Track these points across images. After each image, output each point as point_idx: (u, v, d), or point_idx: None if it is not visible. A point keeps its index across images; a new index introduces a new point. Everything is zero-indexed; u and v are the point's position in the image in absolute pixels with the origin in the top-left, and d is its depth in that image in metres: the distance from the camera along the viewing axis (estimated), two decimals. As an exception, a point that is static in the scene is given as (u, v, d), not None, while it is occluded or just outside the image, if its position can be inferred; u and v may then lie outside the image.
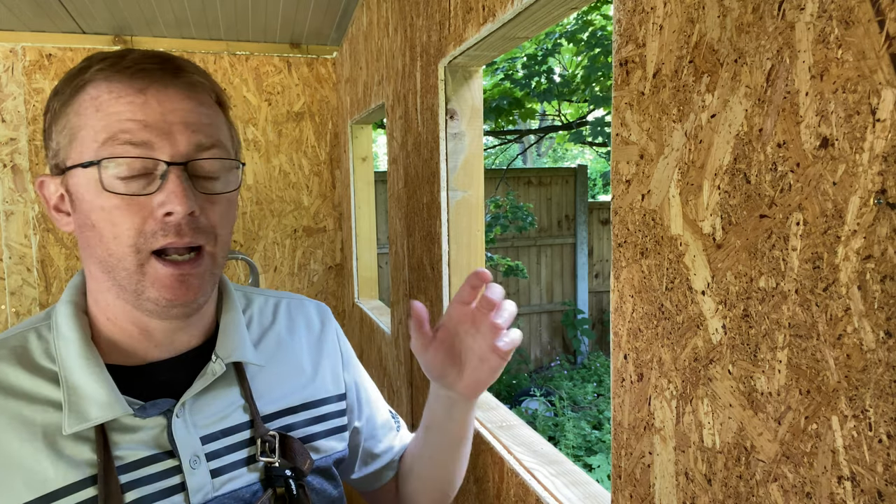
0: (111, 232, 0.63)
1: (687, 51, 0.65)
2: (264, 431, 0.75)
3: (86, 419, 0.64)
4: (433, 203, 1.57)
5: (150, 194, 0.62)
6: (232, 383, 0.75)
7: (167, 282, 0.64)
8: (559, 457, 1.16)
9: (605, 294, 7.41)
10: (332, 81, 3.25)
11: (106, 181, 0.62)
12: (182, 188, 0.62)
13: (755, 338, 0.58)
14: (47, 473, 0.63)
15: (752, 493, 0.59)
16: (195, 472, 0.69)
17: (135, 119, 0.62)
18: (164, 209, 0.62)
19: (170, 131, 0.63)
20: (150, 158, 0.62)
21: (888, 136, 0.44)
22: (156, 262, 0.63)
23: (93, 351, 0.68)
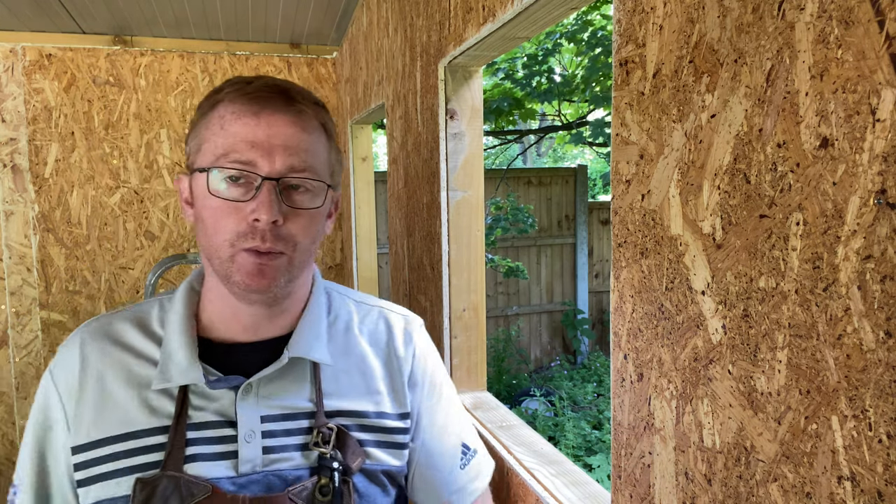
0: (213, 227, 0.76)
1: (687, 51, 0.65)
2: (323, 423, 0.82)
3: (168, 380, 0.78)
4: (433, 203, 1.57)
5: (246, 201, 0.75)
6: (305, 376, 0.83)
7: (249, 269, 0.75)
8: (559, 457, 1.16)
9: (605, 294, 7.41)
10: (332, 81, 3.25)
11: (212, 186, 0.75)
12: (269, 199, 0.74)
13: (755, 338, 0.58)
14: (135, 416, 0.77)
15: (752, 493, 0.59)
16: (248, 445, 0.78)
17: (245, 139, 0.74)
18: (253, 215, 0.74)
19: (271, 151, 0.75)
20: (250, 172, 0.74)
21: (888, 136, 0.44)
22: (243, 253, 0.75)
23: (191, 324, 0.82)
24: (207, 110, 0.79)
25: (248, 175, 0.75)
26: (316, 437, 0.81)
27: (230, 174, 0.75)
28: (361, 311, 0.94)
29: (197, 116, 0.81)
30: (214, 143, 0.76)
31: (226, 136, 0.75)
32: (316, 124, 0.81)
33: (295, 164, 0.76)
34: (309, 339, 0.84)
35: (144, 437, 0.77)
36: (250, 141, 0.75)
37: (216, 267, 0.78)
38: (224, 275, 0.77)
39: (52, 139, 2.91)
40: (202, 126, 0.78)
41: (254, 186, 0.75)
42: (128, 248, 3.04)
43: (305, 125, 0.79)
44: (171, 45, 3.00)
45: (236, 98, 0.77)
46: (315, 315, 0.87)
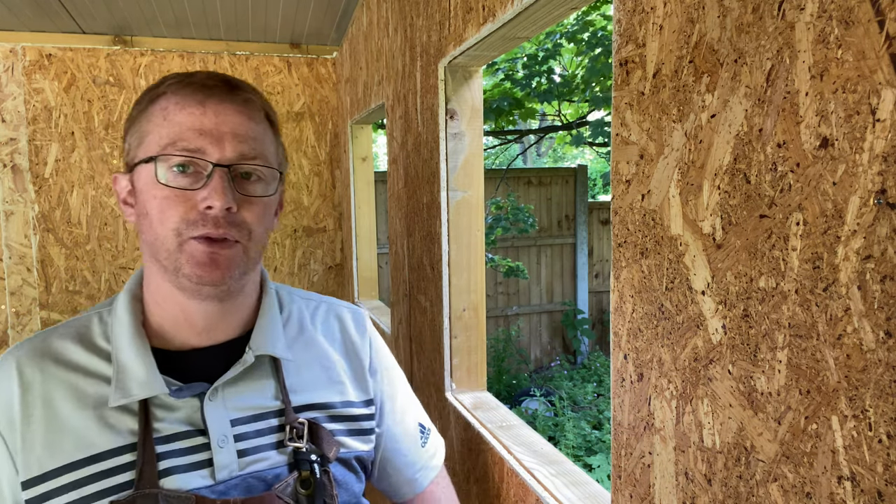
0: (159, 217, 0.72)
1: (687, 51, 0.65)
2: (294, 419, 0.81)
3: (128, 394, 0.74)
4: (433, 203, 1.57)
5: (195, 189, 0.72)
6: (268, 375, 0.82)
7: (200, 258, 0.72)
8: (559, 457, 1.16)
9: (605, 294, 7.41)
10: (332, 81, 3.25)
11: (160, 174, 0.72)
12: (223, 186, 0.71)
13: (755, 338, 0.58)
14: (94, 438, 0.72)
15: (752, 493, 0.59)
16: (222, 450, 0.76)
17: (193, 128, 0.72)
18: (205, 203, 0.71)
19: (220, 139, 0.73)
20: (199, 159, 0.72)
21: (888, 136, 0.44)
22: (193, 241, 0.72)
23: (141, 334, 0.77)
24: (147, 105, 0.76)
25: (198, 163, 0.72)
26: (290, 433, 0.80)
27: (178, 162, 0.72)
28: (311, 307, 0.94)
29: (135, 112, 0.77)
30: (159, 133, 0.73)
31: (171, 126, 0.72)
32: (262, 114, 0.79)
33: (245, 152, 0.74)
34: (270, 335, 0.83)
35: (109, 458, 0.72)
36: (197, 129, 0.72)
37: (163, 261, 0.74)
38: (173, 268, 0.73)
39: (52, 139, 2.91)
40: (142, 120, 0.75)
41: (204, 175, 0.72)
42: (128, 248, 3.04)
43: (252, 114, 0.77)
44: (171, 45, 3.00)
45: (179, 89, 0.74)
46: (271, 312, 0.86)
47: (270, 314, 0.86)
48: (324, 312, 0.94)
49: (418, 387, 1.82)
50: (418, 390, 1.82)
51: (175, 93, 0.74)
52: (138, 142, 0.75)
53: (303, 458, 0.80)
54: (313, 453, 0.81)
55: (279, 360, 0.83)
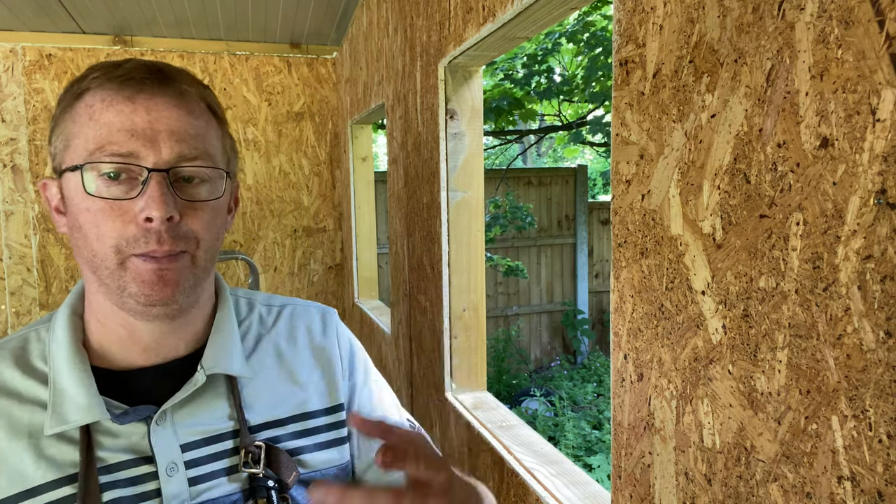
0: (95, 233, 0.65)
1: (687, 51, 0.65)
2: (250, 441, 0.75)
3: (65, 421, 0.66)
4: (433, 203, 1.57)
5: (131, 199, 0.65)
6: (220, 393, 0.76)
7: (146, 277, 0.66)
8: (559, 457, 1.16)
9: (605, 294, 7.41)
10: (332, 81, 3.25)
11: (88, 185, 0.64)
12: (160, 193, 0.64)
13: (755, 338, 0.58)
14: (28, 470, 0.65)
15: (752, 493, 0.59)
16: (171, 479, 0.70)
17: (123, 129, 0.64)
18: (143, 214, 0.64)
19: (155, 139, 0.65)
20: (132, 165, 0.64)
21: (888, 136, 0.44)
22: (136, 259, 0.65)
23: (80, 354, 0.70)
24: (71, 101, 0.68)
25: (131, 169, 0.65)
26: (245, 457, 0.74)
27: (108, 170, 0.64)
28: (273, 313, 0.87)
29: (58, 111, 0.69)
30: (85, 136, 0.65)
31: (97, 128, 0.65)
32: (203, 107, 0.71)
33: (185, 152, 0.67)
34: (224, 352, 0.76)
35: (46, 491, 0.65)
36: (128, 129, 0.64)
37: (105, 280, 0.67)
38: (116, 288, 0.67)
39: (52, 139, 2.91)
40: (67, 120, 0.68)
41: (139, 181, 0.65)
42: (128, 248, 3.04)
43: (191, 108, 0.69)
44: (171, 45, 3.00)
45: (104, 83, 0.66)
46: (227, 325, 0.79)
47: (226, 328, 0.79)
48: (287, 317, 0.88)
49: (418, 387, 1.82)
50: (418, 390, 1.82)
51: (101, 87, 0.66)
52: (64, 145, 0.67)
53: (259, 484, 0.74)
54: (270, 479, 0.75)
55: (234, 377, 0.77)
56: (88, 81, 0.67)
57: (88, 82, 0.67)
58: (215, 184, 0.71)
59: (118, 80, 0.66)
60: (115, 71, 0.67)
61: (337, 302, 3.32)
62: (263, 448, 0.76)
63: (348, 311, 3.23)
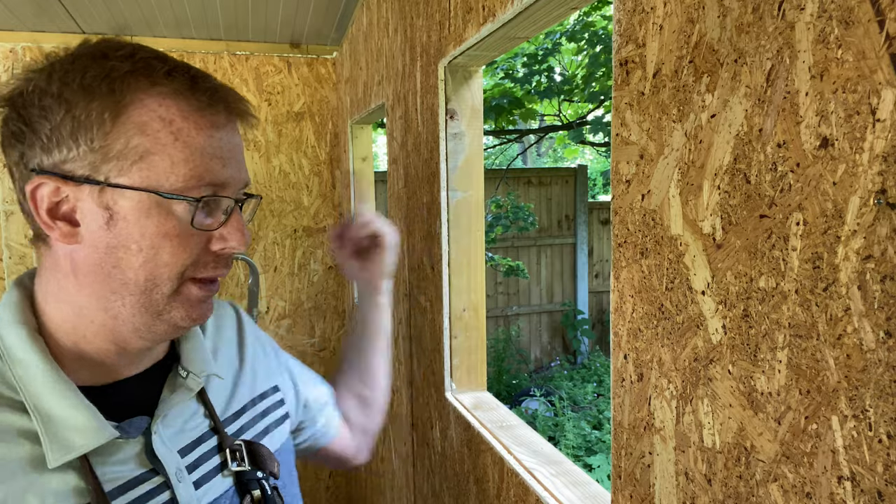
0: (164, 259, 0.62)
1: (687, 51, 0.65)
2: (230, 440, 0.76)
3: (71, 449, 0.61)
4: (433, 203, 1.57)
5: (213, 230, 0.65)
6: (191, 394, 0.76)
7: (195, 300, 0.66)
8: (559, 457, 1.16)
9: (605, 294, 7.41)
10: (332, 81, 3.25)
11: (197, 219, 0.63)
12: (242, 224, 0.66)
13: (755, 338, 0.58)
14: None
15: (752, 493, 0.59)
16: (181, 484, 0.69)
17: (217, 157, 0.63)
18: (223, 244, 0.65)
19: (238, 168, 0.66)
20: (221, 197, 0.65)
21: (888, 136, 0.44)
22: (191, 285, 0.65)
23: (61, 374, 0.64)
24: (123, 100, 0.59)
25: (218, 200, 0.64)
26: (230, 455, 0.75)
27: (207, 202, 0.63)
28: None
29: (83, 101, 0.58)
30: (171, 158, 0.60)
31: (189, 152, 0.61)
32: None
33: (248, 179, 0.69)
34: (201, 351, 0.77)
35: None
36: (220, 158, 0.63)
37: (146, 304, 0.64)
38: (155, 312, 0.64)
39: (52, 139, 2.91)
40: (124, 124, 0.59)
41: (220, 210, 0.65)
42: (128, 248, 3.04)
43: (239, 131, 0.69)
44: (171, 45, 3.00)
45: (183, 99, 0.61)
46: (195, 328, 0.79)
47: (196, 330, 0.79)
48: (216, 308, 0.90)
49: (418, 387, 1.82)
50: (418, 390, 1.82)
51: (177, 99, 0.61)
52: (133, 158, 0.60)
53: (250, 477, 0.76)
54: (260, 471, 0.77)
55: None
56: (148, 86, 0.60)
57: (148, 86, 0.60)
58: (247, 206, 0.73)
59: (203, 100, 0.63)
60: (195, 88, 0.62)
61: (337, 302, 3.32)
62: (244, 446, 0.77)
63: (348, 311, 3.24)
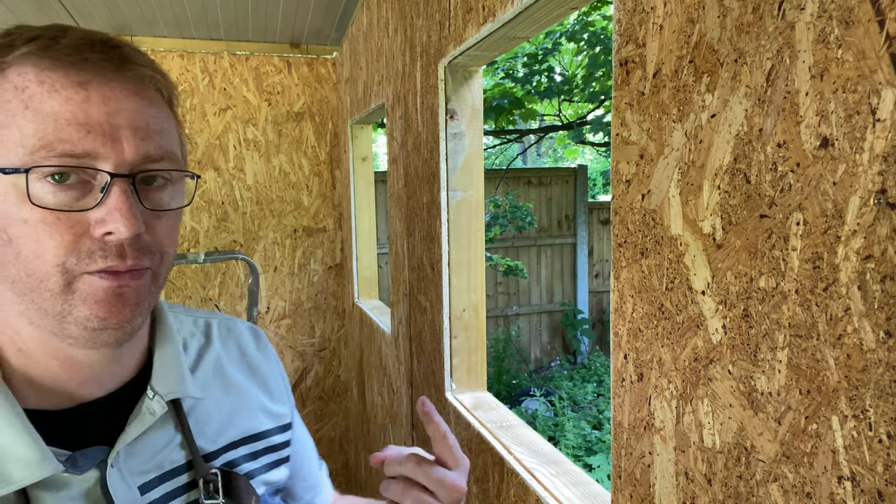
0: (33, 249, 0.52)
1: (687, 51, 0.65)
2: (205, 471, 0.67)
3: (7, 482, 0.53)
4: (433, 203, 1.57)
5: (88, 210, 0.53)
6: (167, 420, 0.66)
7: (102, 296, 0.54)
8: (559, 457, 1.16)
9: (605, 294, 7.41)
10: (332, 81, 3.25)
11: (34, 192, 0.51)
12: (128, 205, 0.53)
13: (755, 338, 0.58)
14: None
15: (752, 493, 0.59)
16: None
17: (75, 122, 0.51)
18: (104, 228, 0.53)
19: (116, 137, 0.53)
20: (90, 168, 0.52)
21: (888, 136, 0.44)
22: (89, 277, 0.54)
23: (6, 396, 0.56)
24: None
25: (84, 171, 0.52)
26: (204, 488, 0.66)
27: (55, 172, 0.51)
28: (201, 326, 0.78)
29: None
30: (20, 129, 0.51)
31: (39, 119, 0.51)
32: (163, 95, 0.59)
33: (151, 152, 0.55)
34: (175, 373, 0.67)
35: None
36: (82, 124, 0.51)
37: (41, 304, 0.54)
38: (56, 314, 0.54)
39: (52, 139, 2.91)
40: None
41: (92, 187, 0.53)
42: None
43: (152, 96, 0.57)
44: (171, 45, 3.00)
45: (39, 60, 0.52)
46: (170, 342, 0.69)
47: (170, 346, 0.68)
48: (218, 331, 0.79)
49: (418, 387, 1.82)
50: (418, 390, 1.82)
51: (35, 65, 0.52)
52: None
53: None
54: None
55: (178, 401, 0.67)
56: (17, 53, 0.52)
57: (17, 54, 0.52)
58: (178, 187, 0.60)
59: (65, 60, 0.52)
60: (54, 45, 0.52)
61: (337, 302, 3.32)
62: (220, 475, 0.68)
63: (348, 311, 3.24)
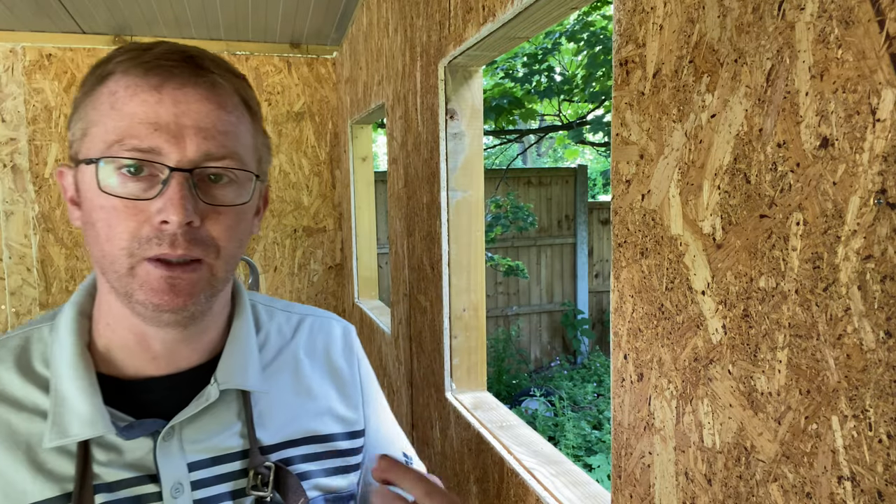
0: (106, 233, 0.60)
1: (687, 51, 0.65)
2: (259, 462, 0.70)
3: (66, 434, 0.61)
4: (433, 203, 1.57)
5: (149, 199, 0.59)
6: (232, 408, 0.71)
7: (156, 285, 0.60)
8: (559, 457, 1.16)
9: (605, 294, 7.41)
10: (332, 81, 3.25)
11: (103, 181, 0.59)
12: (181, 196, 0.59)
13: (755, 338, 0.58)
14: (26, 485, 0.61)
15: (752, 493, 0.59)
16: (176, 500, 0.65)
17: (146, 121, 0.59)
18: (160, 216, 0.59)
19: (180, 135, 0.60)
20: (152, 162, 0.59)
21: (888, 136, 0.44)
22: (147, 265, 0.60)
23: (85, 359, 0.64)
24: (94, 85, 0.62)
25: (152, 165, 0.59)
26: (253, 479, 0.69)
27: (126, 164, 0.59)
28: (292, 322, 0.82)
29: (80, 94, 0.64)
30: (104, 126, 0.60)
31: (119, 118, 0.59)
32: (236, 100, 0.65)
33: (212, 150, 0.61)
34: (240, 364, 0.71)
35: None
36: (152, 122, 0.59)
37: (113, 283, 0.62)
38: (124, 293, 0.62)
39: (52, 139, 2.91)
40: (87, 106, 0.62)
41: (159, 180, 0.60)
42: (128, 248, 3.04)
43: (223, 101, 0.63)
44: (171, 45, 3.00)
45: (131, 69, 0.60)
46: (244, 334, 0.74)
47: (242, 338, 0.73)
48: (308, 328, 0.83)
49: (418, 387, 1.82)
50: (418, 390, 1.82)
51: (126, 73, 0.60)
52: (82, 133, 0.62)
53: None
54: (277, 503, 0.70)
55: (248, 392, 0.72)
56: (113, 65, 0.61)
57: (113, 66, 0.61)
58: (243, 186, 0.65)
59: (145, 66, 0.60)
60: (142, 55, 0.61)
61: (337, 302, 3.32)
62: (273, 469, 0.71)
63: (348, 311, 3.23)
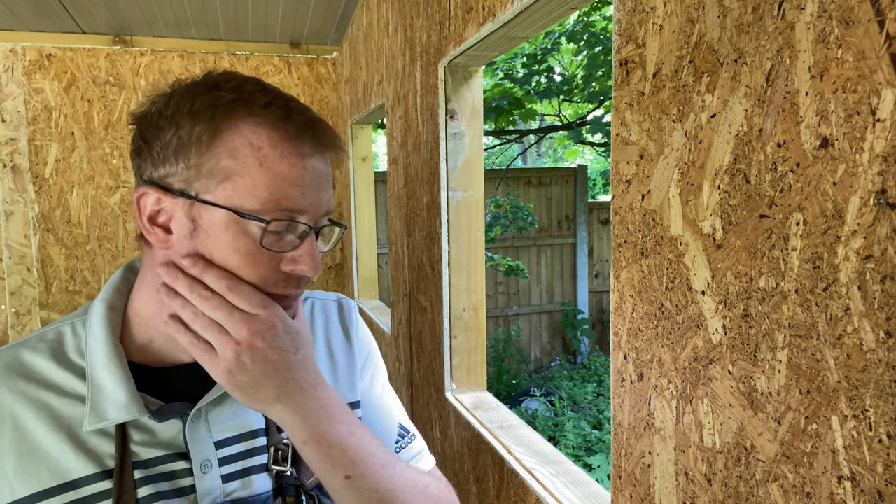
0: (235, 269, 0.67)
1: (687, 51, 0.65)
2: (278, 439, 0.77)
3: (104, 418, 0.69)
4: (433, 203, 1.57)
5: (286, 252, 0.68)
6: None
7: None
8: (559, 457, 1.16)
9: (605, 294, 7.41)
10: (332, 81, 3.25)
11: (266, 240, 0.66)
12: (316, 252, 0.69)
13: (755, 338, 0.58)
14: (69, 463, 0.68)
15: (752, 493, 0.59)
16: (205, 476, 0.72)
17: (296, 184, 0.66)
18: (298, 266, 0.68)
19: (318, 198, 0.69)
20: (298, 222, 0.68)
21: (888, 136, 0.44)
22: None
23: (118, 351, 0.71)
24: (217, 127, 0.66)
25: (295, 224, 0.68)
26: (274, 455, 0.76)
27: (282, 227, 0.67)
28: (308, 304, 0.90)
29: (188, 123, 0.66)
30: (253, 181, 0.65)
31: (271, 177, 0.65)
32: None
33: (330, 208, 0.71)
34: None
35: (85, 485, 0.68)
36: (299, 186, 0.66)
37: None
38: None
39: (52, 139, 2.91)
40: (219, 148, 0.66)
41: (296, 234, 0.68)
42: (128, 248, 3.04)
43: (332, 166, 0.72)
44: (172, 45, 3.00)
45: (278, 130, 0.66)
46: None
47: None
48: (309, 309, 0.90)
49: (418, 387, 1.82)
50: (418, 390, 1.82)
51: (272, 133, 0.66)
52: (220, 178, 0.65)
53: (288, 482, 0.76)
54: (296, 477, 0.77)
55: None
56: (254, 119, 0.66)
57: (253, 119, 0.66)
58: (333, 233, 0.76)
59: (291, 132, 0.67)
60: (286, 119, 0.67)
61: (337, 302, 3.32)
62: (291, 446, 0.77)
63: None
